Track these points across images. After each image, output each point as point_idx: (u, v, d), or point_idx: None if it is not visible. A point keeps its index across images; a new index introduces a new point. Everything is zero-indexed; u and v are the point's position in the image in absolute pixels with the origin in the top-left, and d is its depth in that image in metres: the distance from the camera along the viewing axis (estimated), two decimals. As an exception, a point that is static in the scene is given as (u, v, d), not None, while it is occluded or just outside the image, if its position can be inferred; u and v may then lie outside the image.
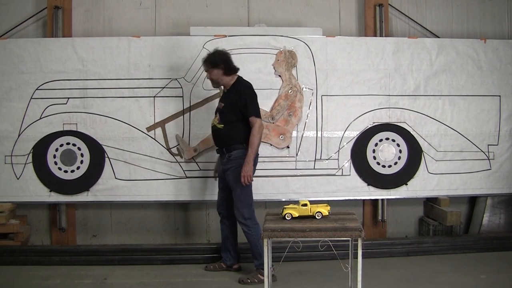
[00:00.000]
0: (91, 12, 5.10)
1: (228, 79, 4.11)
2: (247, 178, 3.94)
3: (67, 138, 4.78)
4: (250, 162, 3.94)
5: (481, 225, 5.21)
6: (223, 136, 4.08)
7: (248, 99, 4.00)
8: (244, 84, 4.13)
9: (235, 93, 4.06)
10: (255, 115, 3.98)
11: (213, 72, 4.09)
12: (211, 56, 4.10)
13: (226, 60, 4.08)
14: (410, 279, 4.14)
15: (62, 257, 4.67)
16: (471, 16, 5.35)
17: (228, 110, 4.04)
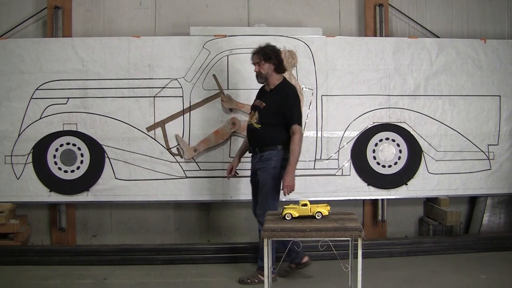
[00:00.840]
0: (91, 12, 5.11)
1: (276, 77, 3.96)
2: (290, 188, 3.83)
3: (67, 138, 4.78)
4: (293, 172, 3.82)
5: (481, 225, 5.21)
6: (258, 136, 3.94)
7: (294, 106, 3.87)
8: (291, 89, 3.97)
9: (280, 95, 3.90)
10: (298, 123, 3.85)
11: (264, 66, 3.91)
12: (264, 49, 3.93)
13: (278, 56, 3.94)
14: (410, 279, 4.14)
15: (62, 257, 4.67)
16: (471, 16, 5.35)
17: (270, 112, 3.89)
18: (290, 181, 3.81)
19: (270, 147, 3.89)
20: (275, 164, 3.88)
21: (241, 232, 5.27)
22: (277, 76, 3.96)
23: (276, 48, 3.98)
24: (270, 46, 3.96)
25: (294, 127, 3.82)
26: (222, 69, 4.81)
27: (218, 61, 4.81)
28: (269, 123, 3.88)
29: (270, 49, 3.93)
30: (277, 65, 3.91)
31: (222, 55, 4.80)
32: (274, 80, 3.95)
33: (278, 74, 3.96)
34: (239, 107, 4.82)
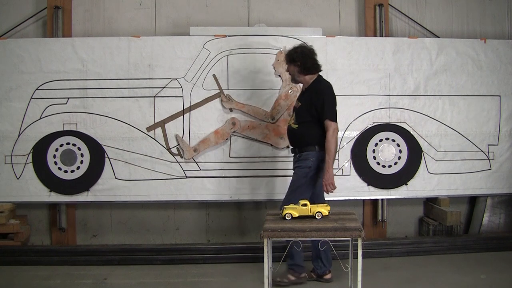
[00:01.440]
0: (91, 12, 5.11)
1: (306, 78, 3.92)
2: (330, 186, 3.76)
3: (67, 138, 4.78)
4: (330, 169, 3.75)
5: (481, 225, 5.21)
6: (297, 136, 3.93)
7: (325, 100, 3.78)
8: (323, 84, 3.91)
9: (313, 93, 3.86)
10: (330, 119, 3.77)
11: (290, 68, 3.94)
12: (291, 51, 3.93)
13: (304, 58, 3.86)
14: (410, 279, 4.14)
15: (62, 257, 4.67)
16: (471, 16, 5.35)
17: (304, 110, 3.88)
18: (328, 178, 3.74)
19: (308, 147, 3.85)
20: (310, 164, 3.82)
21: (241, 232, 5.27)
22: (307, 76, 3.91)
23: (304, 50, 3.91)
24: (298, 48, 3.93)
25: (326, 122, 3.76)
26: (222, 69, 4.81)
27: (218, 61, 4.81)
28: (304, 121, 3.87)
29: (297, 51, 3.89)
30: (302, 67, 3.86)
31: (222, 55, 4.81)
32: (306, 80, 3.93)
33: (307, 74, 3.90)
34: (239, 107, 4.82)
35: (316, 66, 3.91)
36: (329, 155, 3.73)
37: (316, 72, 3.94)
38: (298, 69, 3.88)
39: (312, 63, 3.89)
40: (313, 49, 3.95)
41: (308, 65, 3.87)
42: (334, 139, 3.74)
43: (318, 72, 3.95)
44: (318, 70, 3.94)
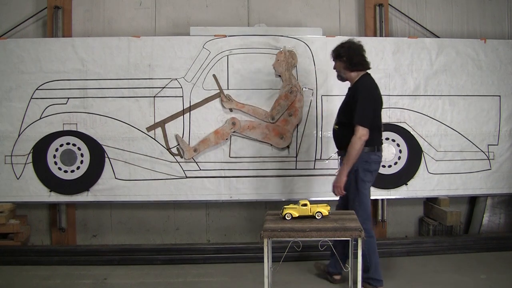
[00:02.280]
0: (91, 12, 5.11)
1: (352, 75, 3.73)
2: (337, 189, 3.65)
3: (67, 138, 4.78)
4: (342, 174, 3.60)
5: (481, 225, 5.21)
6: (337, 138, 3.83)
7: (358, 101, 3.56)
8: (362, 84, 3.69)
9: (352, 92, 3.71)
10: (359, 123, 3.53)
11: (336, 64, 3.79)
12: (338, 46, 3.76)
13: (350, 53, 3.68)
14: (410, 279, 4.14)
15: (62, 257, 4.67)
16: (471, 16, 5.35)
17: (344, 110, 3.75)
18: (336, 181, 3.64)
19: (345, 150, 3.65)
20: (356, 167, 3.64)
21: (241, 232, 5.27)
22: (353, 73, 3.72)
23: (351, 45, 3.72)
24: (346, 43, 3.75)
25: (355, 127, 3.55)
26: (222, 69, 4.81)
27: (218, 61, 4.81)
28: (342, 122, 3.74)
29: (344, 47, 3.73)
30: (348, 63, 3.69)
31: (222, 55, 4.81)
32: (352, 77, 3.74)
33: (353, 71, 3.72)
34: (239, 107, 4.82)
35: (363, 63, 3.72)
36: (347, 159, 3.57)
37: (363, 69, 3.74)
38: (344, 65, 3.71)
39: (359, 59, 3.70)
40: (362, 45, 3.76)
41: (354, 61, 3.68)
42: (358, 145, 3.52)
43: (365, 69, 3.75)
44: (365, 68, 3.74)
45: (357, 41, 3.79)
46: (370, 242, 3.68)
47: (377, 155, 3.70)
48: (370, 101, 3.61)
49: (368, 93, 3.62)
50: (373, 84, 3.72)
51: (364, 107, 3.56)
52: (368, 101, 3.59)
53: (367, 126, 3.54)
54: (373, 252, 3.72)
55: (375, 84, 3.74)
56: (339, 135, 3.79)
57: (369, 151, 3.64)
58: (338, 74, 3.83)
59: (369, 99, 3.60)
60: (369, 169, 3.69)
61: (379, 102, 3.72)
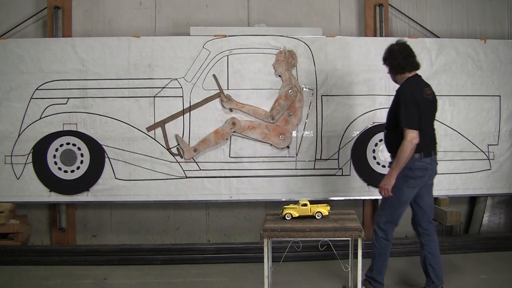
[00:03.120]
0: (91, 12, 5.11)
1: (399, 78, 3.63)
2: (384, 191, 3.55)
3: (67, 138, 4.78)
4: (391, 176, 3.50)
5: (481, 225, 5.21)
6: (386, 142, 3.75)
7: (401, 105, 3.45)
8: (405, 87, 3.57)
9: (396, 96, 3.60)
10: (407, 126, 3.41)
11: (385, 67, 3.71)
12: (385, 50, 3.68)
13: (391, 56, 3.61)
14: (410, 279, 4.14)
15: (62, 257, 4.67)
16: (471, 16, 5.35)
17: (390, 114, 3.66)
18: (385, 183, 3.53)
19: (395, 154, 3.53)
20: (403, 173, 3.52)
21: (241, 232, 5.27)
22: (399, 76, 3.63)
23: (393, 47, 3.63)
24: (390, 46, 3.66)
25: (404, 130, 3.42)
26: (222, 69, 4.81)
27: (218, 61, 4.81)
28: (389, 127, 3.67)
29: (389, 49, 3.65)
30: (390, 66, 3.64)
31: (222, 55, 4.81)
32: (399, 80, 3.65)
33: (398, 74, 3.62)
34: (239, 107, 4.82)
35: (404, 65, 3.57)
36: (396, 162, 3.46)
37: (406, 72, 3.59)
38: (388, 69, 3.67)
39: (399, 61, 3.57)
40: (406, 47, 3.61)
41: (393, 64, 3.60)
42: (408, 148, 3.40)
43: (408, 71, 3.59)
44: (408, 70, 3.58)
45: (402, 42, 3.66)
46: (384, 246, 3.63)
47: (424, 162, 3.52)
48: (413, 104, 3.45)
49: (409, 96, 3.48)
50: (417, 86, 3.56)
51: (408, 109, 3.44)
52: (411, 104, 3.45)
53: (415, 128, 3.41)
54: (382, 255, 3.63)
55: (420, 87, 3.56)
56: (388, 139, 3.72)
57: (415, 157, 3.50)
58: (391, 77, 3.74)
59: (411, 102, 3.45)
60: (411, 176, 3.54)
61: (423, 106, 3.50)
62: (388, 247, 3.67)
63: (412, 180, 3.54)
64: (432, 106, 3.63)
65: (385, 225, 3.64)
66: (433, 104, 3.64)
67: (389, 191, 3.53)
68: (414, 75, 3.62)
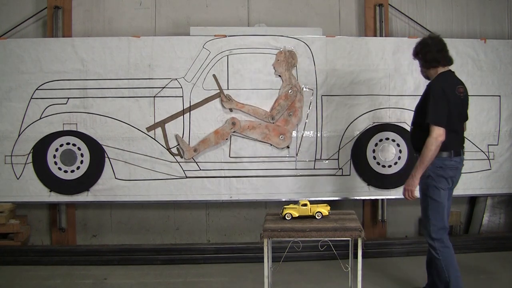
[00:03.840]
0: (91, 12, 5.11)
1: (431, 73, 3.47)
2: (408, 192, 3.39)
3: (67, 138, 4.78)
4: (415, 176, 3.33)
5: (481, 225, 5.21)
6: (412, 139, 3.58)
7: (430, 100, 3.28)
8: (435, 81, 3.40)
9: (426, 91, 3.44)
10: (433, 122, 3.24)
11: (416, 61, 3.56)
12: (417, 43, 3.52)
13: (424, 50, 3.44)
14: (410, 279, 4.14)
15: (62, 257, 4.67)
16: (471, 16, 5.35)
17: (418, 110, 3.49)
18: (409, 184, 3.37)
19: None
20: (428, 173, 3.36)
21: (241, 232, 5.27)
22: (430, 71, 3.47)
23: (426, 41, 3.47)
24: (422, 39, 3.51)
25: (430, 127, 3.26)
26: (222, 69, 4.81)
27: (218, 61, 4.81)
28: (418, 123, 3.47)
29: (420, 43, 3.50)
30: (423, 60, 3.47)
31: (222, 55, 4.81)
32: (431, 75, 3.48)
33: (431, 69, 3.46)
34: (239, 107, 4.82)
35: (440, 60, 3.41)
36: (420, 160, 3.29)
37: (439, 66, 3.43)
38: (421, 63, 3.51)
39: (433, 56, 3.40)
40: (440, 40, 3.46)
41: (428, 58, 3.43)
42: (433, 146, 3.23)
43: (442, 66, 3.43)
44: (442, 64, 3.43)
45: (435, 36, 3.51)
46: (447, 253, 3.38)
47: (454, 161, 3.37)
48: (443, 100, 3.28)
49: (439, 91, 3.30)
50: (449, 82, 3.39)
51: (437, 105, 3.28)
52: (441, 100, 3.28)
53: (442, 125, 3.25)
54: (450, 265, 3.36)
55: (453, 83, 3.41)
56: (414, 136, 3.55)
57: (443, 156, 3.34)
58: (421, 72, 3.60)
59: (441, 98, 3.28)
60: (444, 175, 3.37)
61: (455, 104, 3.34)
62: (452, 254, 3.39)
63: (444, 180, 3.37)
64: (464, 105, 3.48)
65: (437, 233, 3.39)
66: (465, 102, 3.49)
67: (413, 193, 3.37)
68: (447, 71, 3.46)
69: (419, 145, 3.37)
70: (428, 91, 3.40)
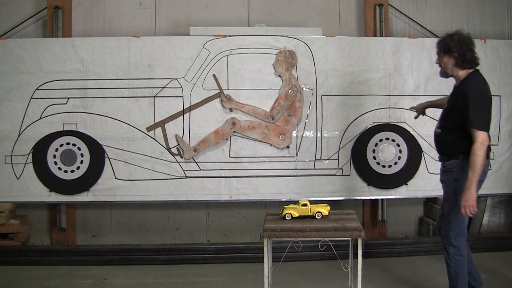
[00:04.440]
0: (91, 12, 5.11)
1: (461, 73, 3.26)
2: (468, 208, 3.07)
3: (67, 138, 4.78)
4: (471, 188, 3.06)
5: (481, 225, 5.21)
6: (440, 143, 3.38)
7: (470, 104, 3.08)
8: (471, 83, 3.20)
9: (460, 93, 3.21)
10: (477, 127, 3.07)
11: (443, 59, 3.29)
12: (446, 39, 3.27)
13: (463, 48, 3.21)
14: (410, 279, 4.14)
15: (62, 257, 4.67)
16: (471, 16, 5.35)
17: (449, 112, 3.31)
18: (467, 199, 3.06)
19: (452, 156, 3.26)
20: (456, 176, 3.22)
21: (241, 232, 5.27)
22: (463, 71, 3.25)
23: (462, 38, 3.25)
24: (455, 35, 3.26)
25: (473, 132, 3.08)
26: (222, 69, 4.81)
27: (218, 61, 4.81)
28: (448, 126, 3.29)
29: (455, 40, 3.24)
30: (459, 60, 3.21)
31: (222, 55, 4.81)
32: (460, 76, 3.27)
33: (464, 69, 3.25)
34: (239, 107, 4.82)
35: (475, 60, 3.25)
36: (473, 170, 3.06)
37: (473, 65, 3.26)
38: (455, 62, 3.23)
39: (472, 55, 3.22)
40: (471, 37, 3.31)
41: (467, 58, 3.20)
42: (482, 152, 3.06)
43: (475, 67, 3.27)
44: (476, 64, 3.27)
45: (466, 33, 3.32)
46: (460, 262, 3.27)
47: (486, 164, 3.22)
48: (483, 103, 3.16)
49: (478, 94, 3.16)
50: (485, 83, 3.26)
51: (480, 109, 3.12)
52: (483, 103, 3.15)
53: (487, 130, 3.12)
54: (461, 273, 3.27)
55: (485, 83, 3.26)
56: (442, 140, 3.35)
57: None
58: (444, 70, 3.35)
59: (481, 101, 3.15)
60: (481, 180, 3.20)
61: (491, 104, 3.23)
62: (465, 264, 3.30)
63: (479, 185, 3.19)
64: None
65: (456, 239, 3.25)
66: None
67: (474, 207, 3.09)
68: (476, 71, 3.29)
69: (447, 150, 3.29)
70: (464, 93, 3.17)
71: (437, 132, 3.39)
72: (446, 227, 3.29)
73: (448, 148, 3.30)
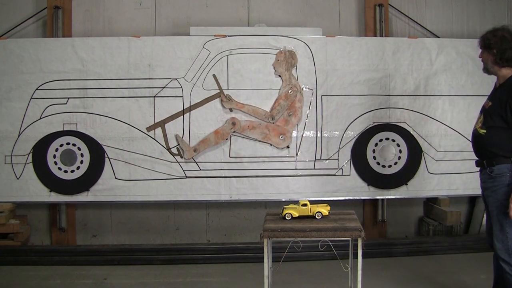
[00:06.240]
0: (91, 12, 5.11)
1: (502, 71, 3.09)
2: None
3: (67, 138, 4.78)
4: None
5: (481, 225, 5.20)
6: (483, 144, 3.15)
7: None
8: None
9: (506, 91, 3.05)
10: None
11: (483, 55, 3.15)
12: (488, 34, 3.11)
13: (503, 46, 3.04)
14: (410, 279, 4.14)
15: (62, 257, 4.68)
16: (471, 16, 5.35)
17: (495, 112, 3.07)
18: None
19: (500, 159, 3.04)
20: (509, 181, 2.99)
21: (241, 232, 5.27)
22: (505, 69, 3.08)
23: (505, 35, 3.06)
24: (498, 31, 3.09)
25: None
26: (222, 69, 4.81)
27: (218, 61, 4.81)
28: (494, 126, 3.07)
29: (495, 34, 3.09)
30: (498, 57, 3.05)
31: (222, 55, 4.81)
32: (502, 74, 3.11)
33: (505, 67, 3.08)
34: (239, 107, 4.82)
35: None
36: None
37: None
38: (493, 59, 3.08)
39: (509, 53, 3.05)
40: None
41: (506, 56, 3.04)
42: None
43: None
44: None
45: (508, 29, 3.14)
46: None
47: None
48: None
49: None
50: None
51: None
52: None
53: None
54: None
55: None
56: (486, 141, 3.13)
57: None
58: (485, 66, 3.20)
59: None
60: None
61: None
62: None
63: None
64: None
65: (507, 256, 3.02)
66: None
67: None
68: None
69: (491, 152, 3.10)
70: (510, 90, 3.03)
71: (481, 132, 3.15)
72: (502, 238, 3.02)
73: (494, 152, 3.08)
